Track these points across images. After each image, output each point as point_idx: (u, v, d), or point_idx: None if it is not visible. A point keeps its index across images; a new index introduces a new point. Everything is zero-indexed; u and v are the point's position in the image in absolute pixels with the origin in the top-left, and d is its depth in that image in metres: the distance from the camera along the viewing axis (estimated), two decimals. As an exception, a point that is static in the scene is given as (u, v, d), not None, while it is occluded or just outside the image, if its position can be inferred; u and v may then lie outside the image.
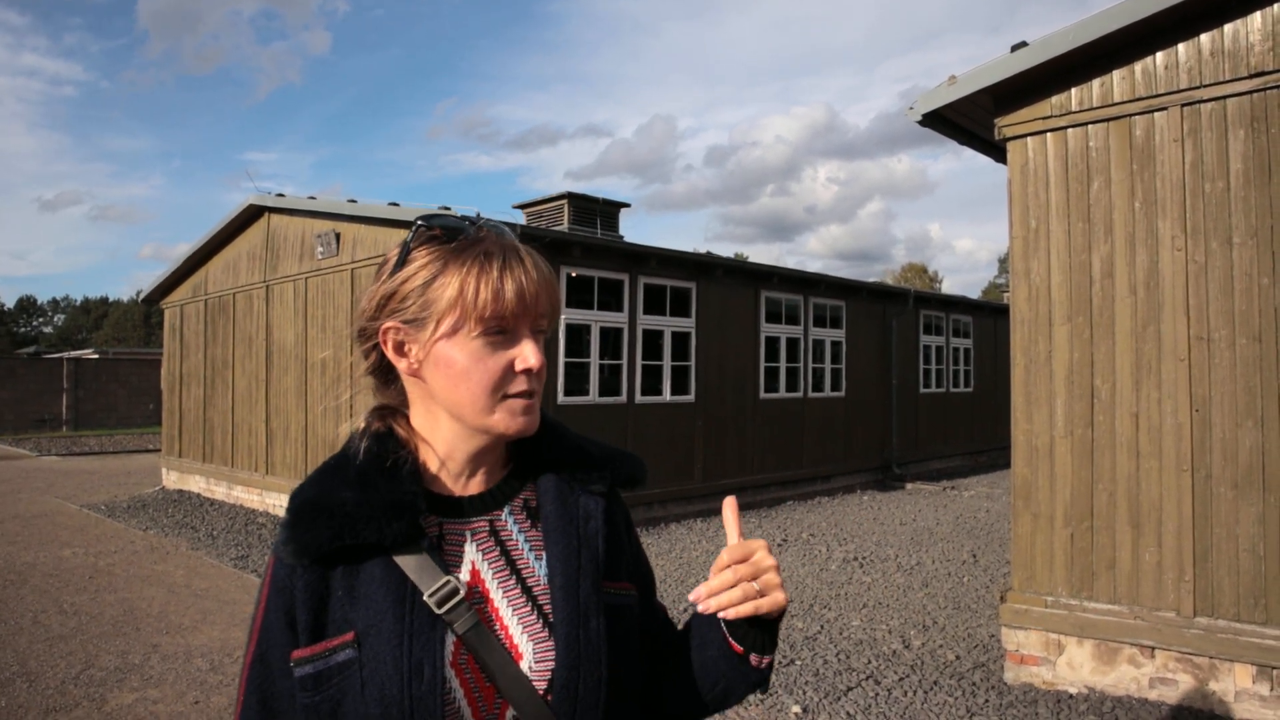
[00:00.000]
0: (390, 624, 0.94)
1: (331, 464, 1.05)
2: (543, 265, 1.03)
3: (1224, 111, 4.29)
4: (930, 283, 58.87)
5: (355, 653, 0.94)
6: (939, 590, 7.02)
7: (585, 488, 1.08)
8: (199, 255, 13.27)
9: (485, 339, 0.99)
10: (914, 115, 5.29)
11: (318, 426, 10.42)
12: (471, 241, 1.01)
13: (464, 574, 1.01)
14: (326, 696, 0.94)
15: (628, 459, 1.14)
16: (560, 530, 1.04)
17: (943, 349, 16.37)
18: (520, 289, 0.99)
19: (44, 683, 4.83)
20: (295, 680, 0.95)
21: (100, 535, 9.44)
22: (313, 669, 0.95)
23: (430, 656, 0.94)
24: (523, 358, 1.00)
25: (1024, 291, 4.91)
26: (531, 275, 1.00)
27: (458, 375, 1.00)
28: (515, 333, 1.01)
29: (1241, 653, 4.15)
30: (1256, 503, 4.16)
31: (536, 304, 1.00)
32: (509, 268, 0.99)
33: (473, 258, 0.99)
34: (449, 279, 0.99)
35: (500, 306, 0.98)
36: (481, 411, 1.00)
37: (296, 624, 0.96)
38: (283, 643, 0.97)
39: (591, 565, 1.03)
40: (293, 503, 1.00)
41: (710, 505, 11.06)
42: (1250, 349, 4.21)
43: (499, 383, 1.00)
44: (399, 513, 0.97)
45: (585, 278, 9.93)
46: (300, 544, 0.96)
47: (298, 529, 0.96)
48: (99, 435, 24.79)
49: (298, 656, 0.95)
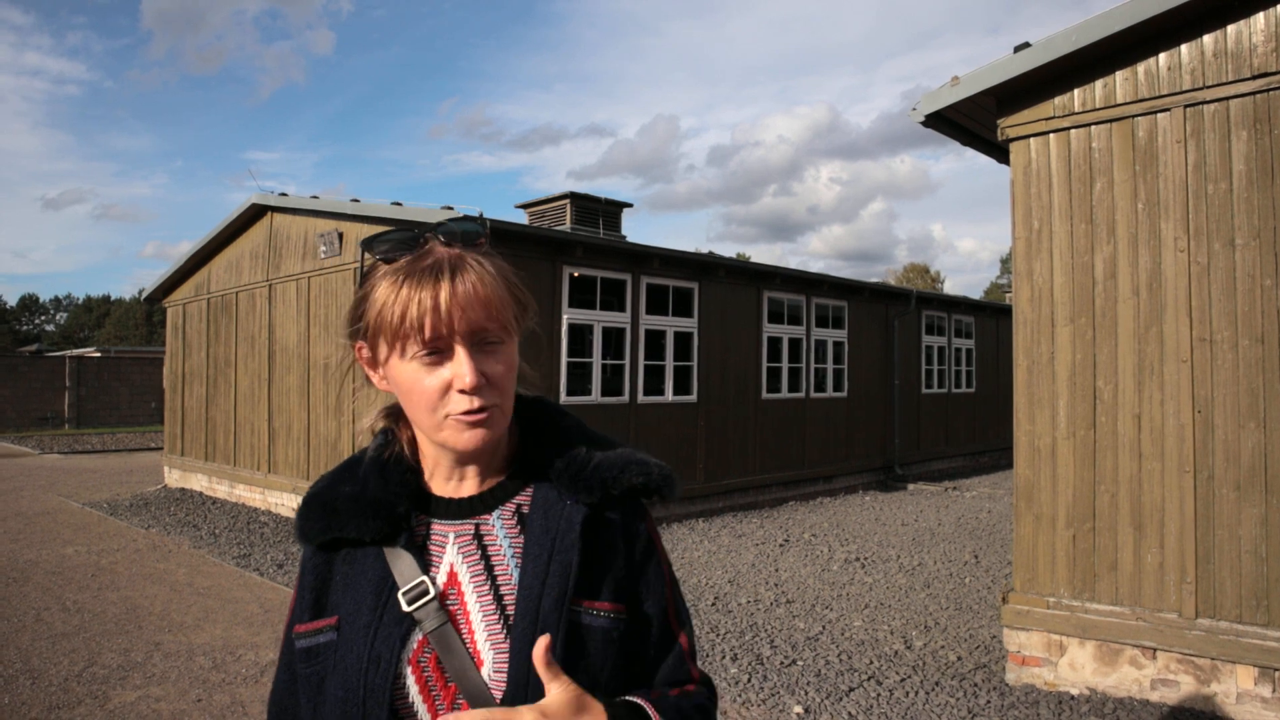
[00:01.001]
0: (365, 615, 1.00)
1: (350, 460, 1.12)
2: (487, 273, 0.99)
3: (1227, 113, 4.29)
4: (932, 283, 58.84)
5: (335, 636, 1.02)
6: (941, 591, 7.02)
7: (573, 497, 1.03)
8: (202, 254, 13.29)
9: (421, 360, 0.97)
10: (917, 116, 5.29)
11: (320, 426, 10.43)
12: (412, 260, 0.99)
13: (441, 575, 1.02)
14: (314, 670, 1.02)
15: (629, 467, 1.05)
16: (536, 540, 1.02)
17: (945, 350, 16.36)
18: (437, 304, 0.95)
19: (47, 680, 4.84)
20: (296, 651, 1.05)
21: (102, 533, 9.46)
22: (306, 643, 1.04)
23: (389, 650, 0.98)
24: (458, 376, 0.96)
25: (1027, 292, 4.91)
26: (462, 288, 0.96)
27: (404, 395, 1.02)
28: (449, 351, 0.97)
29: (1243, 655, 4.14)
30: (1259, 504, 4.16)
31: (463, 319, 0.96)
32: (420, 285, 0.96)
33: (392, 277, 0.98)
34: (374, 301, 0.99)
35: (411, 327, 0.95)
36: (431, 429, 1.01)
37: (304, 601, 1.06)
38: (297, 616, 1.07)
39: (559, 579, 0.99)
40: (306, 494, 1.10)
41: (712, 505, 11.07)
42: (1253, 350, 4.21)
43: (436, 403, 0.98)
44: (379, 511, 1.03)
45: (588, 278, 9.93)
46: (300, 532, 1.07)
47: (302, 518, 1.07)
48: (101, 433, 24.82)
49: (298, 630, 1.05)
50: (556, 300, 9.56)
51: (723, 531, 9.83)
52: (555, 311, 9.54)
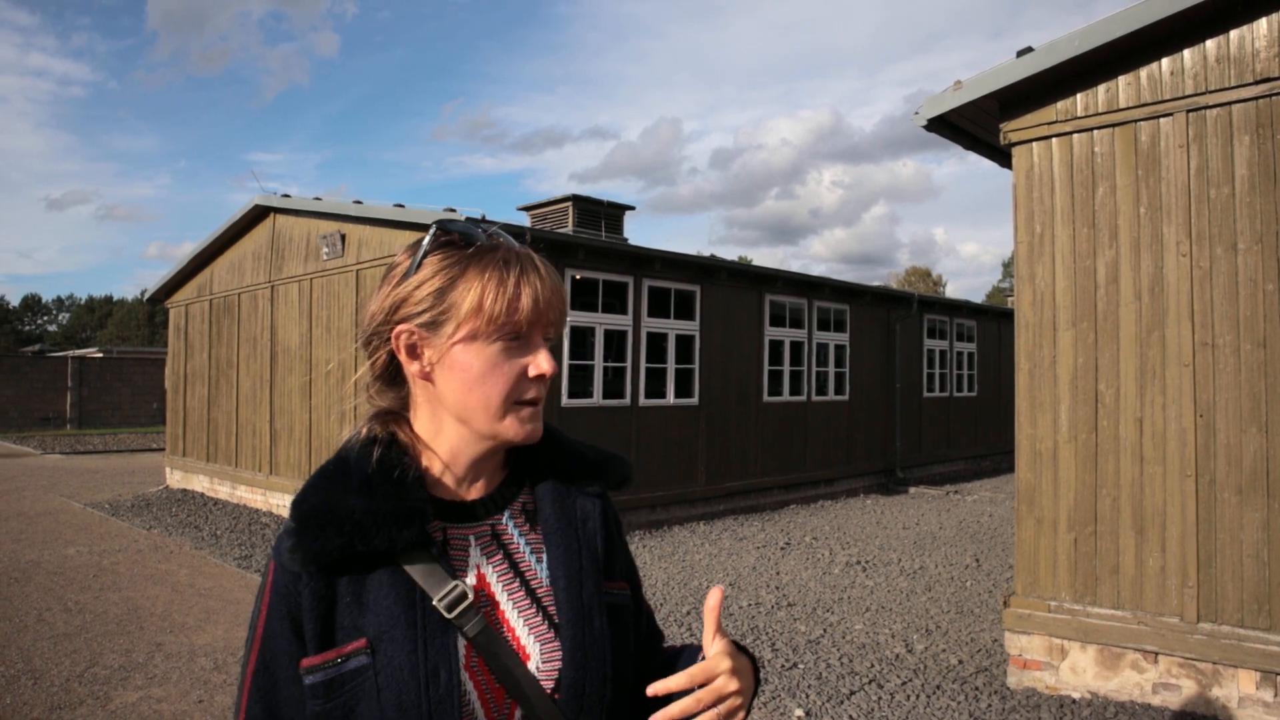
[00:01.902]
0: (403, 630, 0.94)
1: (331, 469, 1.02)
2: (554, 272, 1.05)
3: (1229, 117, 4.30)
4: (934, 287, 58.83)
5: (369, 659, 0.94)
6: (942, 595, 7.02)
7: (582, 490, 1.10)
8: (204, 255, 13.31)
9: (502, 345, 1.01)
10: (920, 120, 5.30)
11: (321, 427, 10.44)
12: (488, 248, 1.03)
13: (470, 578, 1.02)
14: (339, 704, 0.93)
15: (619, 461, 1.16)
16: (560, 532, 1.06)
17: (946, 353, 16.36)
18: (536, 296, 1.01)
19: (49, 680, 4.84)
20: (305, 688, 0.94)
21: (104, 534, 9.47)
22: (324, 676, 0.94)
23: (445, 661, 0.95)
24: (536, 364, 1.02)
25: (1029, 296, 4.92)
26: (545, 283, 1.02)
27: (473, 380, 1.00)
28: (529, 339, 1.02)
29: (1245, 659, 4.14)
30: (1261, 509, 4.16)
31: (549, 311, 1.02)
32: (525, 275, 1.01)
33: (491, 264, 1.01)
34: (468, 284, 1.00)
35: (517, 313, 1.00)
36: (493, 417, 1.01)
37: (303, 631, 0.95)
38: (288, 650, 0.96)
39: (593, 566, 1.06)
40: (297, 510, 0.97)
41: (713, 509, 11.06)
42: (1255, 355, 4.21)
43: (513, 389, 1.01)
44: (408, 520, 0.96)
45: (590, 280, 9.94)
46: (308, 552, 0.94)
47: (305, 536, 0.94)
48: (103, 434, 24.85)
49: (307, 665, 0.95)
50: (558, 302, 9.55)
51: (724, 534, 9.82)
52: (557, 314, 9.54)
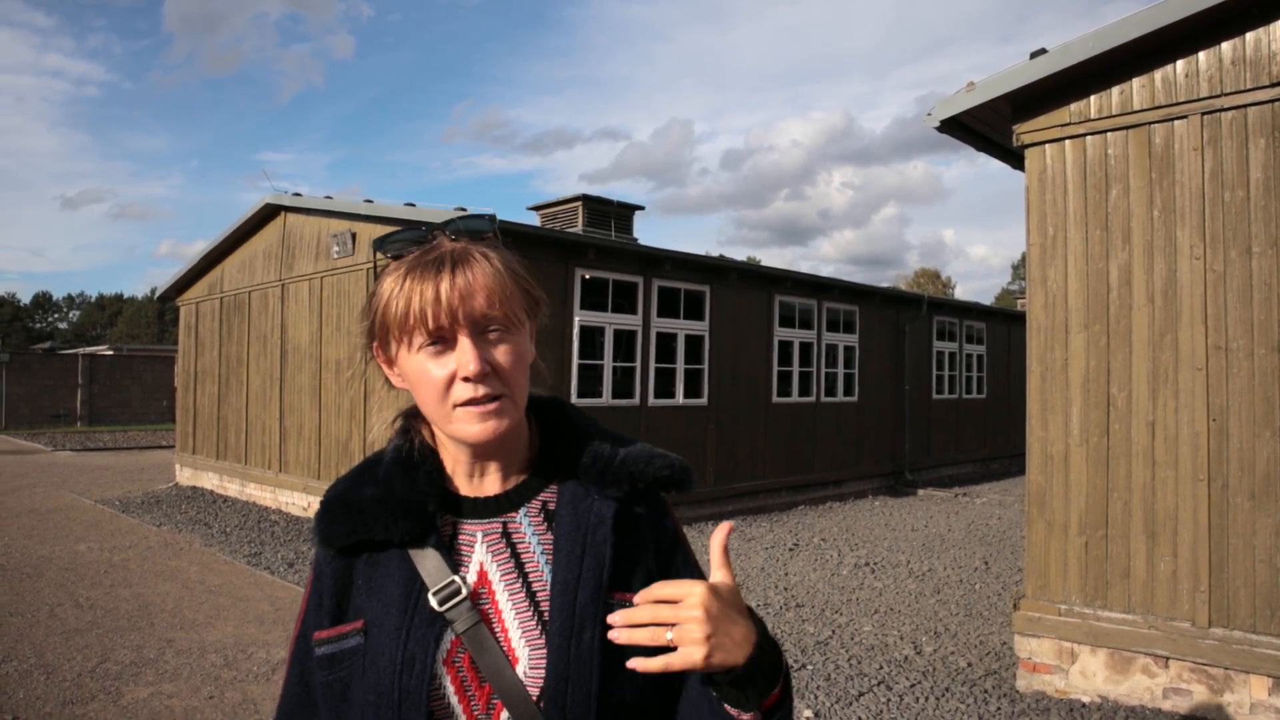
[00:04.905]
0: (395, 618, 0.99)
1: (368, 461, 1.10)
2: (490, 263, 1.00)
3: (1244, 120, 4.27)
4: (943, 289, 58.68)
5: (362, 640, 1.00)
6: (951, 597, 7.00)
7: (601, 491, 1.04)
8: (215, 253, 13.36)
9: (427, 351, 0.99)
10: (932, 121, 5.28)
11: (331, 425, 10.47)
12: (418, 255, 1.02)
13: (471, 574, 1.02)
14: (338, 677, 1.00)
15: (654, 460, 1.07)
16: (567, 536, 1.01)
17: (956, 355, 16.31)
18: (437, 295, 0.96)
19: (61, 675, 4.87)
20: (315, 658, 1.02)
21: (115, 530, 9.52)
22: (328, 650, 1.01)
23: (423, 652, 0.97)
24: (461, 364, 0.97)
25: (1041, 298, 4.90)
26: (462, 278, 0.97)
27: (416, 388, 1.02)
28: (453, 340, 0.98)
29: (1257, 664, 4.12)
30: (1273, 514, 4.14)
31: (464, 305, 0.97)
32: (425, 277, 0.98)
33: (398, 272, 1.01)
34: (380, 296, 1.02)
35: (412, 318, 0.97)
36: (442, 421, 1.02)
37: (323, 606, 1.04)
38: (314, 623, 1.04)
39: (594, 573, 0.99)
40: (324, 497, 1.07)
41: (721, 509, 11.06)
42: (1269, 359, 4.18)
43: (444, 393, 0.99)
44: (408, 511, 1.01)
45: (599, 280, 9.95)
46: (322, 536, 1.03)
47: (322, 522, 1.04)
48: (113, 431, 24.98)
49: (318, 637, 1.03)
50: (568, 302, 9.58)
51: (732, 535, 9.79)
52: (567, 313, 9.56)
